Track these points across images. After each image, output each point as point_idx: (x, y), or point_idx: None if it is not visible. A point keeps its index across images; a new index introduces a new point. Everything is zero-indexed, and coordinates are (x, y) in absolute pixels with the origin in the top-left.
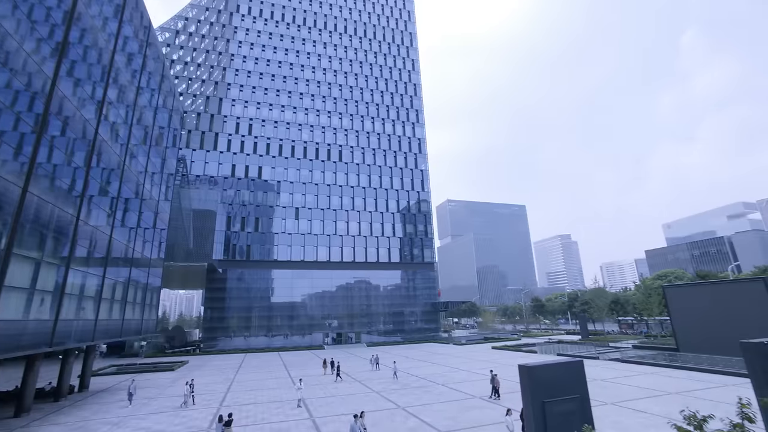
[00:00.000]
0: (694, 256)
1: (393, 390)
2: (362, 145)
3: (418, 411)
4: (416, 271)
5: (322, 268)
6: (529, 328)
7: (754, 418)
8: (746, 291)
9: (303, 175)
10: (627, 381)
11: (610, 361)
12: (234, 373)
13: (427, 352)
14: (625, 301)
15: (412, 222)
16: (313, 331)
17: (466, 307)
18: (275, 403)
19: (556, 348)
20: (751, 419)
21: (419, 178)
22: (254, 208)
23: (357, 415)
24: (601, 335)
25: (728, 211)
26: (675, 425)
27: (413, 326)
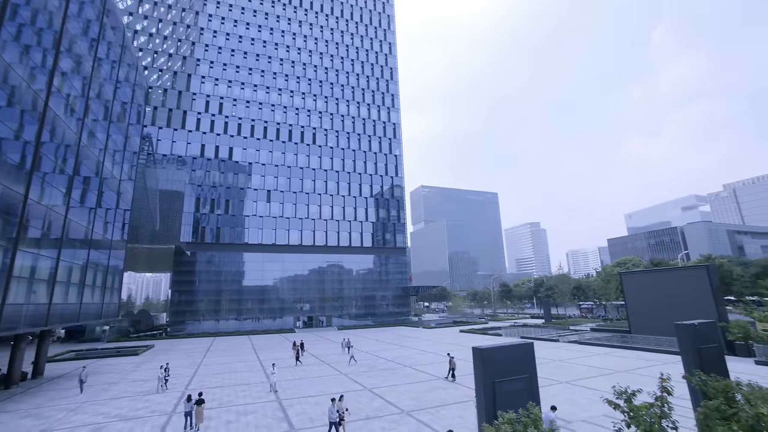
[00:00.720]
0: (651, 244)
1: (361, 372)
2: (336, 129)
3: (384, 392)
4: (388, 255)
5: (293, 251)
6: (497, 312)
7: (672, 391)
8: (690, 277)
9: (275, 157)
10: (582, 361)
11: (569, 343)
12: (201, 356)
13: (396, 335)
14: (587, 286)
15: (385, 207)
16: (284, 315)
17: (436, 291)
18: (242, 386)
19: (521, 331)
20: (669, 392)
21: (393, 163)
22: (224, 190)
23: (335, 399)
24: (563, 319)
25: (683, 203)
26: (606, 399)
27: (384, 310)
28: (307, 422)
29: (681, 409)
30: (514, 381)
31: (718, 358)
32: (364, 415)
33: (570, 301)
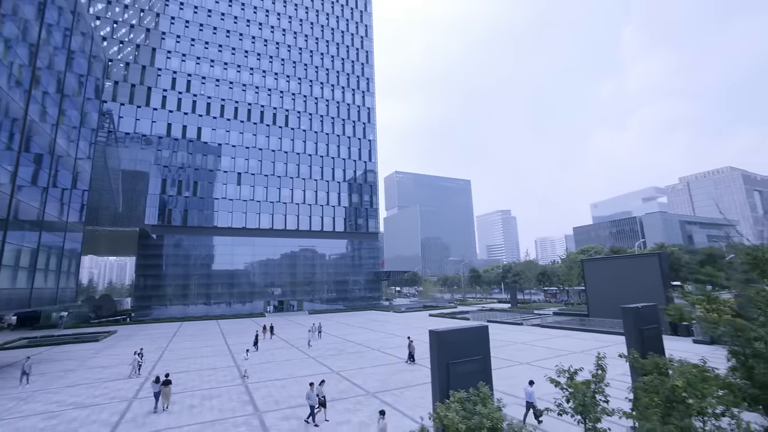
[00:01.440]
0: (613, 233)
1: (329, 355)
2: (310, 111)
3: (351, 375)
4: (360, 240)
5: (264, 235)
6: (466, 297)
7: (606, 368)
8: (644, 264)
9: (246, 139)
10: (543, 343)
11: (532, 327)
12: (167, 341)
13: (367, 319)
14: (552, 273)
15: (358, 192)
16: (254, 299)
17: (408, 276)
18: (208, 370)
19: (488, 315)
20: (603, 369)
21: (367, 148)
22: (193, 172)
23: (313, 383)
24: (528, 303)
25: (643, 194)
26: (549, 378)
27: (356, 294)
28: (273, 405)
29: (624, 384)
30: (468, 362)
31: (656, 338)
32: (330, 397)
33: (536, 287)
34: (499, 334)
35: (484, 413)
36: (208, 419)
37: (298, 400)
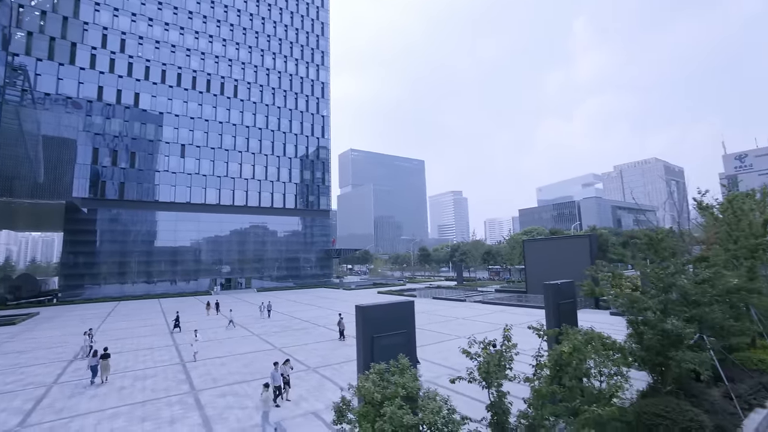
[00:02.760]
0: (554, 216)
1: (274, 333)
2: (260, 83)
3: (293, 351)
4: (312, 218)
5: (211, 211)
6: (415, 275)
7: (510, 338)
8: (577, 245)
9: (191, 109)
10: (482, 318)
11: (474, 303)
12: (100, 322)
13: (316, 296)
14: (497, 252)
15: (310, 168)
16: (199, 277)
17: (359, 254)
18: (144, 350)
19: (434, 292)
20: (508, 339)
21: (320, 124)
22: (131, 141)
23: (277, 363)
24: (473, 281)
25: (583, 180)
26: (462, 349)
27: (306, 272)
28: (210, 382)
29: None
30: (393, 336)
31: (571, 311)
32: (269, 373)
33: (481, 265)
34: (442, 310)
35: (400, 383)
36: (139, 400)
37: (236, 377)
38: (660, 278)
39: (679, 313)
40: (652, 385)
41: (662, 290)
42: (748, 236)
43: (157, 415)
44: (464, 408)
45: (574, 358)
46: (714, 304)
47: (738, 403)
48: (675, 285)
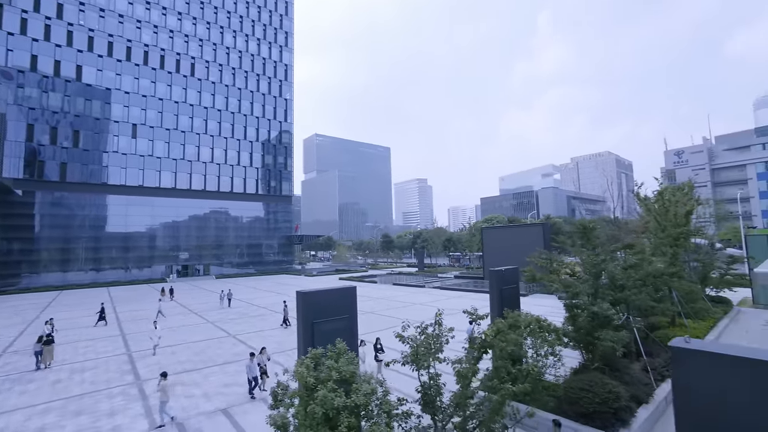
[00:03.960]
0: (514, 205)
1: (230, 320)
2: (220, 62)
3: (248, 338)
4: (274, 203)
5: (166, 195)
6: (378, 261)
7: (441, 323)
8: (532, 233)
9: (143, 86)
10: (439, 304)
11: (433, 289)
12: (38, 312)
13: (276, 283)
14: (458, 239)
15: (272, 153)
16: (154, 264)
17: (323, 240)
18: (85, 342)
19: (395, 278)
20: (440, 324)
21: (283, 107)
22: (73, 118)
23: (254, 353)
24: (434, 267)
25: (542, 171)
26: (396, 333)
27: (267, 258)
28: (158, 372)
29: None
30: (334, 321)
31: (514, 296)
32: (222, 360)
33: (442, 252)
34: (401, 296)
35: (334, 366)
36: (76, 393)
37: (186, 366)
38: (592, 264)
39: (607, 297)
40: (582, 363)
41: (594, 275)
42: (673, 226)
43: (94, 408)
44: (410, 390)
45: (497, 341)
46: (640, 288)
47: (653, 375)
48: (604, 271)
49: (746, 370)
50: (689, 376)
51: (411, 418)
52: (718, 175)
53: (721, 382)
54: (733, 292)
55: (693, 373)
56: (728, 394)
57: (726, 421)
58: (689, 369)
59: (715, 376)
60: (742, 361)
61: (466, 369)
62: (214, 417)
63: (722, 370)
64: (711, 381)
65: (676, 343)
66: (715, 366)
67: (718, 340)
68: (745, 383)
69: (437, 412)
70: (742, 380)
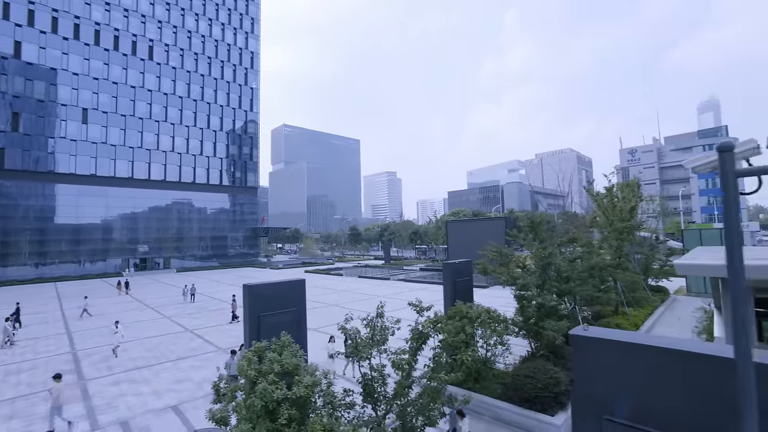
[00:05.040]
0: (480, 198)
1: (187, 314)
2: (181, 46)
3: (205, 332)
4: (239, 195)
5: (122, 185)
6: (345, 254)
7: (383, 314)
8: (494, 226)
9: (94, 68)
10: (403, 296)
11: (398, 281)
12: None
13: (240, 276)
14: (424, 232)
15: (237, 143)
16: (109, 257)
17: (290, 233)
18: (24, 341)
19: (360, 271)
20: (381, 315)
21: (248, 96)
22: (12, 99)
23: (235, 351)
24: (400, 260)
25: (509, 166)
26: (339, 325)
27: (232, 251)
28: (105, 371)
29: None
30: (282, 314)
31: (467, 288)
32: (176, 356)
33: (409, 245)
34: (366, 288)
35: (276, 359)
36: (8, 397)
37: (137, 363)
38: (540, 257)
39: (553, 288)
40: (531, 351)
41: (542, 268)
42: (619, 220)
43: (29, 411)
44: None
45: (434, 332)
46: (586, 279)
47: None
48: (551, 263)
49: (634, 353)
50: (586, 361)
51: (354, 408)
52: (666, 173)
53: (613, 366)
54: (670, 281)
55: (589, 359)
56: (619, 376)
57: (616, 401)
58: (586, 355)
59: (608, 360)
60: (630, 347)
61: (402, 359)
62: (163, 414)
63: (614, 355)
64: (604, 365)
65: (576, 332)
66: (608, 351)
67: (654, 327)
68: (633, 366)
69: (378, 401)
70: (631, 363)
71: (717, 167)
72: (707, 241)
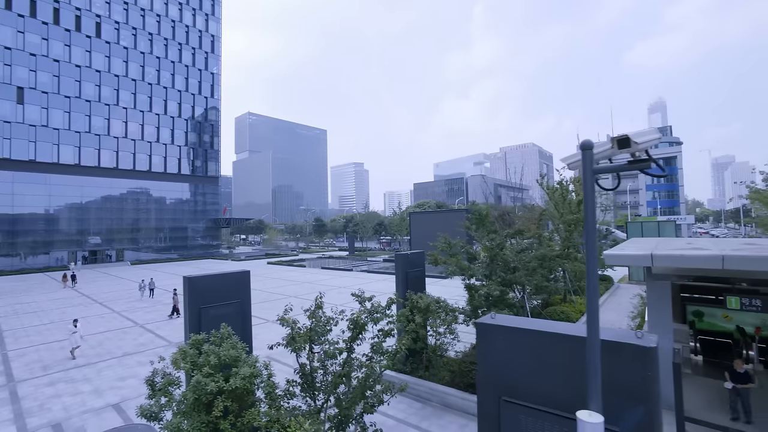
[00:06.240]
0: (445, 191)
1: (139, 308)
2: (134, 25)
3: (157, 327)
4: (199, 184)
5: (67, 172)
6: (309, 245)
7: (322, 305)
8: (456, 218)
9: (30, 43)
10: (364, 286)
11: (360, 272)
12: None
13: (199, 268)
14: (389, 224)
15: (197, 131)
16: (53, 250)
17: (253, 223)
18: None
19: (324, 262)
20: (320, 306)
21: (209, 81)
22: None
23: None
24: (364, 251)
25: (474, 159)
26: (279, 316)
27: (192, 242)
28: (38, 371)
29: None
30: (224, 306)
31: (419, 279)
32: (122, 353)
33: (373, 236)
34: (328, 279)
35: (213, 351)
36: None
37: (78, 361)
38: (488, 249)
39: (498, 279)
40: None
41: (490, 258)
42: (569, 212)
43: None
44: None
45: (367, 321)
46: (534, 269)
47: None
48: (498, 255)
49: (523, 338)
50: (486, 347)
51: (296, 398)
52: None
53: (507, 350)
54: (614, 270)
55: (489, 344)
56: (512, 359)
57: (514, 381)
58: (490, 341)
59: (503, 345)
60: (519, 332)
61: (336, 349)
62: (102, 413)
63: (508, 340)
64: (500, 349)
65: (483, 320)
66: (503, 337)
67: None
68: (523, 349)
69: (316, 391)
70: (521, 347)
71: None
72: (647, 233)
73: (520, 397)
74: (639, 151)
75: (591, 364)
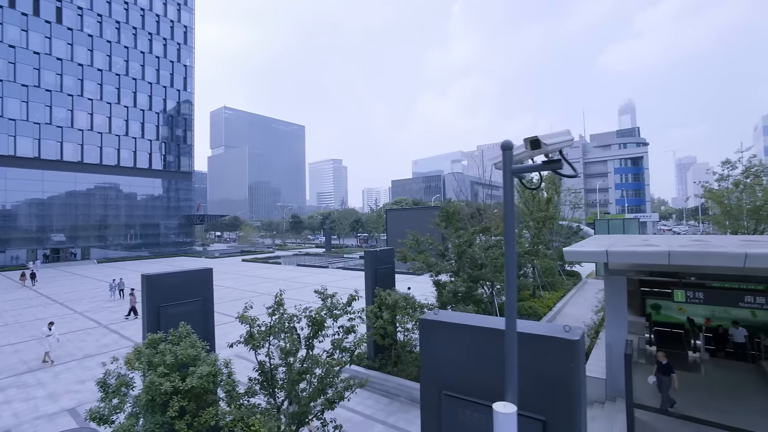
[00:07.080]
0: (423, 188)
1: (104, 308)
2: (99, 11)
3: (122, 327)
4: (171, 180)
5: (26, 166)
6: (286, 242)
7: (283, 302)
8: (430, 214)
9: None
10: (339, 284)
11: (336, 269)
12: None
13: (171, 266)
14: (366, 221)
15: (169, 124)
16: (9, 248)
17: (228, 220)
18: None
19: (300, 259)
20: (281, 303)
21: (181, 74)
22: None
23: None
24: (341, 248)
25: (452, 156)
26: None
27: (163, 240)
28: None
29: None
30: (185, 304)
31: (389, 276)
32: (82, 354)
33: (350, 233)
34: (303, 277)
35: (170, 350)
36: None
37: (32, 365)
38: (456, 246)
39: (466, 275)
40: None
41: (458, 255)
42: (538, 210)
43: None
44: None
45: (326, 318)
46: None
47: None
48: (466, 251)
49: (460, 333)
50: (428, 342)
51: (256, 396)
52: (589, 168)
53: (447, 345)
54: (582, 267)
55: (431, 339)
56: (451, 354)
57: (453, 375)
58: (432, 336)
59: (443, 340)
60: (457, 327)
61: (294, 348)
62: (55, 419)
63: (447, 336)
64: (441, 344)
65: (426, 316)
66: (443, 332)
67: (565, 307)
68: (460, 344)
69: (276, 388)
70: (458, 342)
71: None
72: (613, 230)
73: (459, 391)
74: (551, 152)
75: (509, 356)
